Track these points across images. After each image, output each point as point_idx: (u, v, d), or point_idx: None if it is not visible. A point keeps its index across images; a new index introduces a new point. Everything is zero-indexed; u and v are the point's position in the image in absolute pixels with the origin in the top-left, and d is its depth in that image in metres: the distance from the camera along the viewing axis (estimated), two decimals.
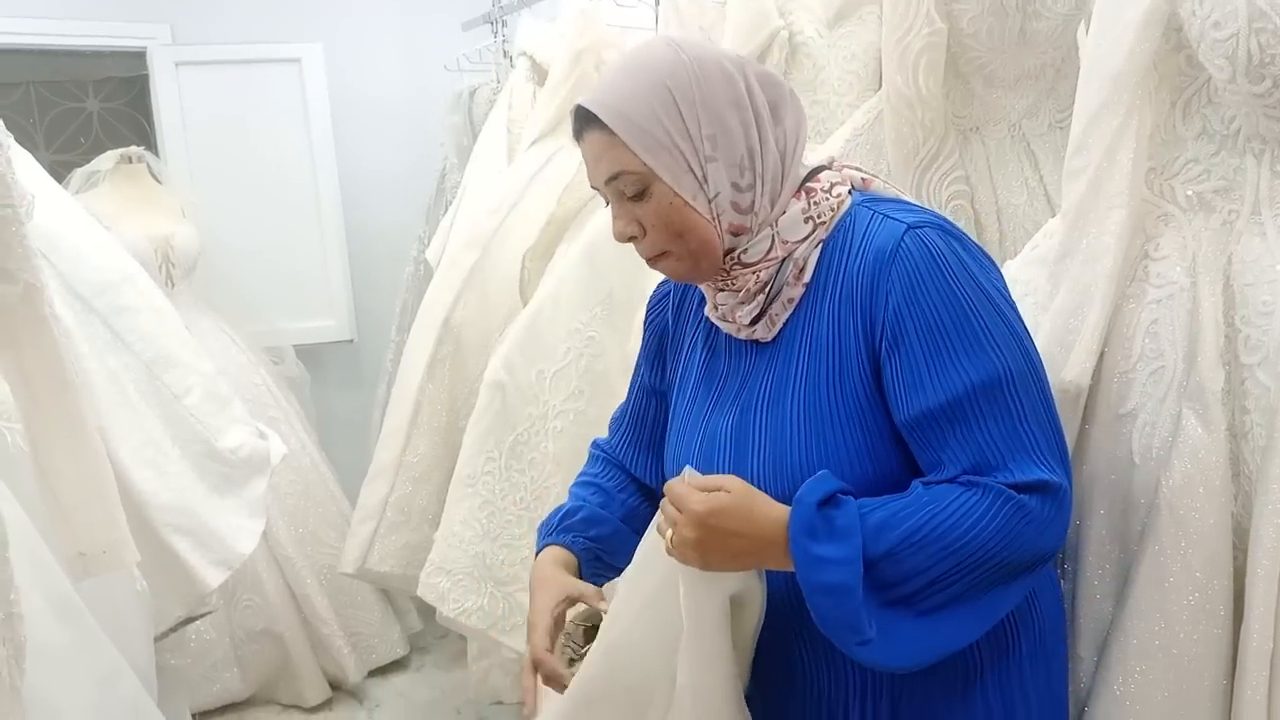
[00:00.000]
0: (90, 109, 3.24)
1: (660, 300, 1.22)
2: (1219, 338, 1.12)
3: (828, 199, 1.03)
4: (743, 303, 1.04)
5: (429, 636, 2.98)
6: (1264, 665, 1.03)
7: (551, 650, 1.06)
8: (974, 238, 1.61)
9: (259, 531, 1.89)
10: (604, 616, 1.01)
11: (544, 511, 1.94)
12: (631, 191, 1.00)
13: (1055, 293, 1.23)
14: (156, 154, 3.09)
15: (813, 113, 1.93)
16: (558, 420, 1.91)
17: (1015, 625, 1.04)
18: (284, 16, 3.50)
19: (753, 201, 1.01)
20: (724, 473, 1.02)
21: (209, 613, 2.09)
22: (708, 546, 0.93)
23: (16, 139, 3.20)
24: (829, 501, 0.92)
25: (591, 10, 2.39)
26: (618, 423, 1.31)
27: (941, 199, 1.62)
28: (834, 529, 0.91)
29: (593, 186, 1.06)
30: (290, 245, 3.34)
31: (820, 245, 1.02)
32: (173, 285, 2.74)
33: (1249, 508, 1.09)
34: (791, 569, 0.92)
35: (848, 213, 1.03)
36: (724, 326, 1.08)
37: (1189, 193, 1.17)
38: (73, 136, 3.19)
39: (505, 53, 2.91)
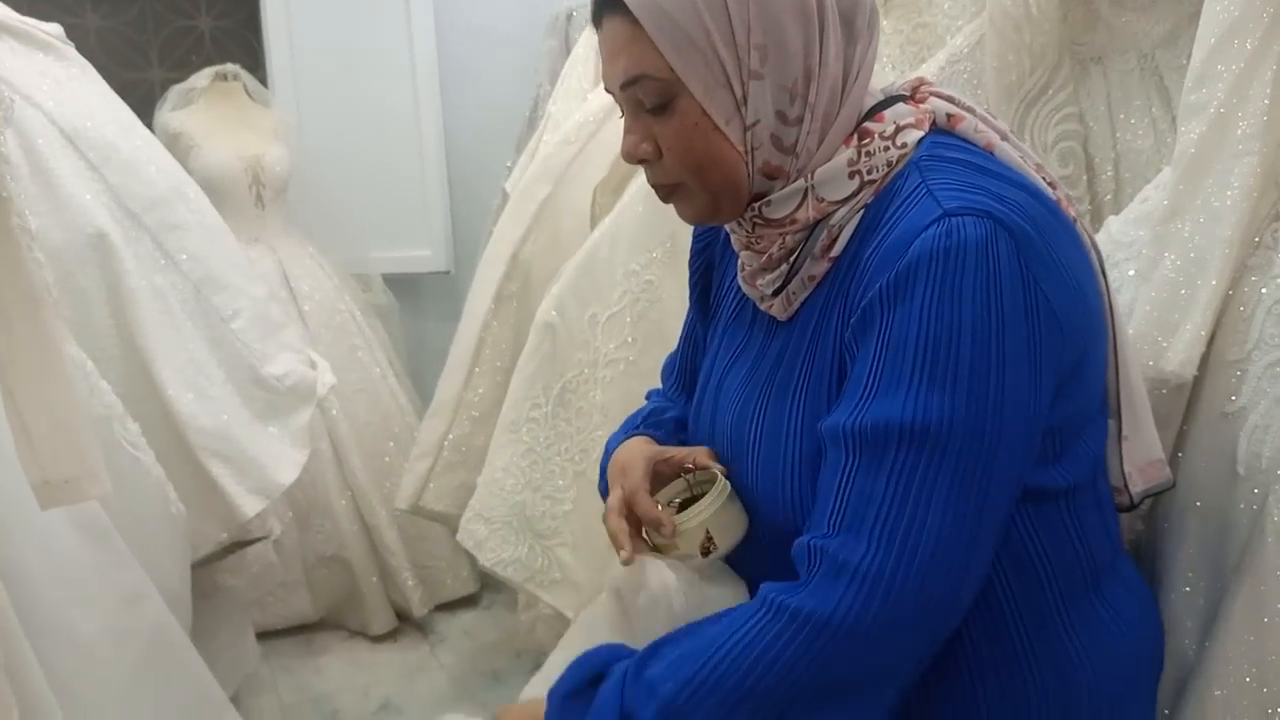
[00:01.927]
0: (203, 27, 3.27)
1: (708, 230, 1.03)
2: None
3: (886, 150, 0.80)
4: (765, 269, 0.85)
5: None
6: None
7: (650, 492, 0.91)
8: (1084, 187, 1.39)
9: (301, 462, 1.85)
10: (717, 475, 0.87)
11: (590, 465, 1.83)
12: (651, 102, 0.81)
13: (1160, 260, 1.00)
14: (265, 74, 3.09)
15: (915, 37, 1.69)
16: (608, 369, 1.78)
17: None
18: None
19: (797, 139, 0.81)
20: (730, 466, 0.89)
21: (262, 538, 2.08)
22: None
23: (132, 56, 3.28)
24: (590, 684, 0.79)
25: None
26: (668, 373, 1.15)
27: (1048, 139, 1.37)
28: (586, 710, 0.78)
29: (606, 89, 0.87)
30: (390, 172, 3.29)
31: (862, 211, 0.81)
32: (263, 206, 2.73)
33: None
34: None
35: (901, 172, 0.81)
36: (748, 291, 0.90)
37: None
38: (185, 54, 3.23)
39: None
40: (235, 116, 2.76)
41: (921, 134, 0.82)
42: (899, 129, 0.81)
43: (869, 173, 0.80)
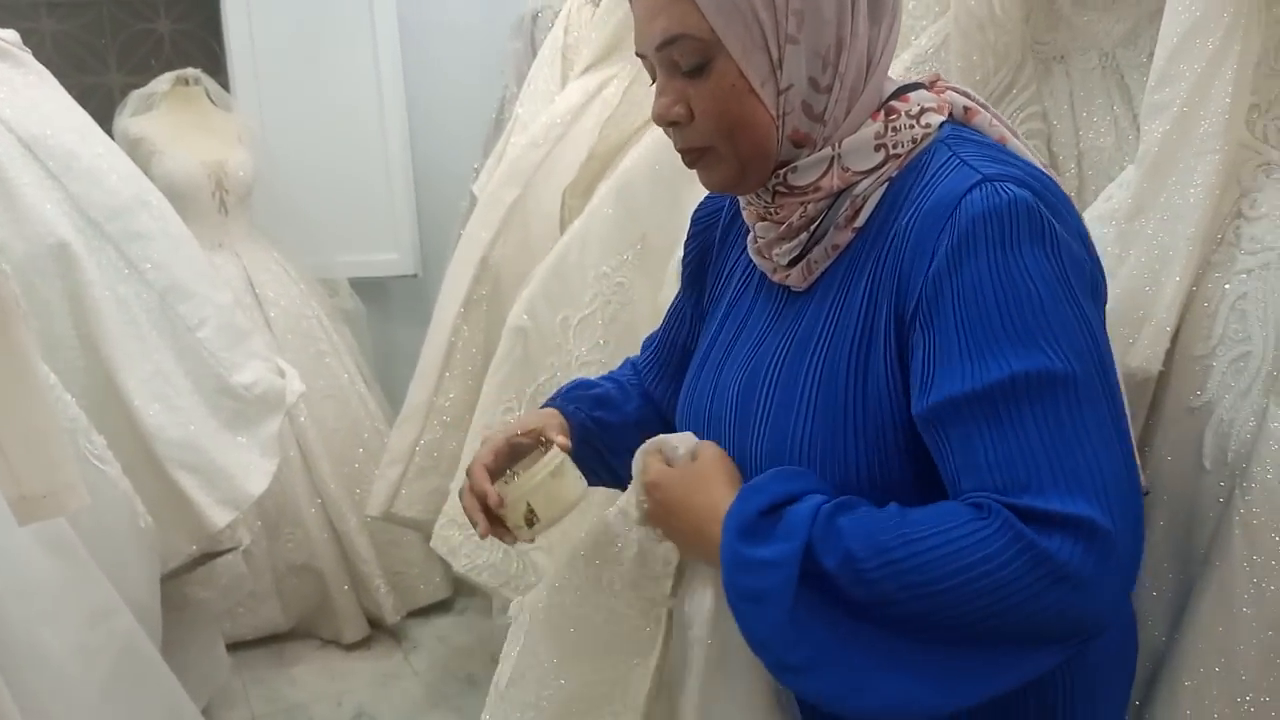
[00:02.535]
0: (161, 30, 3.22)
1: (710, 214, 1.04)
2: None
3: (911, 128, 0.83)
4: (783, 238, 0.86)
5: None
6: None
7: (489, 466, 0.93)
8: None
9: (271, 471, 1.83)
10: (555, 445, 0.90)
11: None
12: (688, 64, 0.82)
13: (1125, 257, 1.02)
14: (226, 77, 3.05)
15: None
16: (581, 372, 1.77)
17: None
18: None
19: (826, 107, 0.82)
20: (730, 441, 0.88)
21: (232, 549, 2.06)
22: (660, 520, 0.85)
23: (89, 60, 3.23)
24: (783, 503, 0.76)
25: None
26: (648, 346, 1.16)
27: None
28: (773, 530, 0.74)
29: (638, 53, 0.87)
30: (355, 175, 3.26)
31: (887, 184, 0.83)
32: (226, 212, 2.69)
33: None
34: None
35: (926, 150, 0.83)
36: (759, 263, 0.90)
37: None
38: (144, 58, 3.18)
39: None
40: (197, 121, 2.72)
41: (942, 119, 0.85)
42: (923, 110, 0.84)
43: (894, 147, 0.82)
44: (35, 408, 1.09)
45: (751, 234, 0.91)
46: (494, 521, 0.91)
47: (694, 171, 0.90)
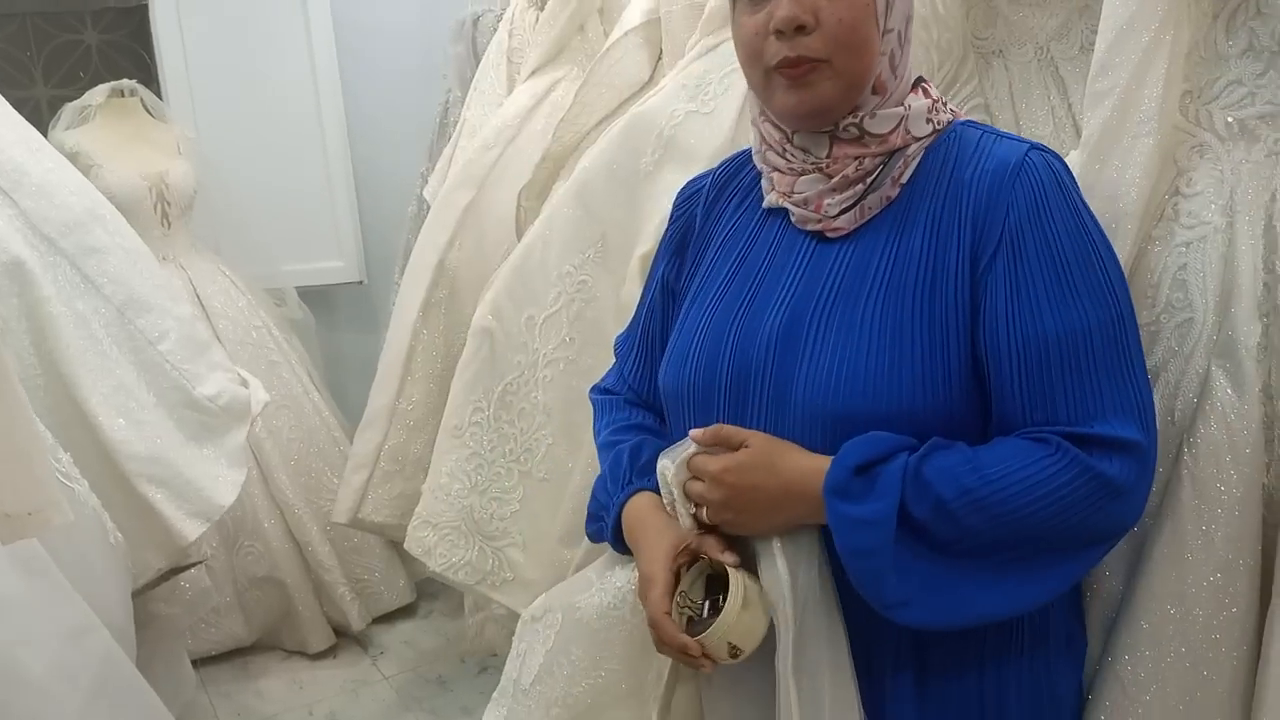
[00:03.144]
0: (89, 41, 3.14)
1: (691, 195, 1.13)
2: (1257, 286, 0.99)
3: (945, 110, 0.97)
4: (835, 190, 0.94)
5: (437, 583, 2.92)
6: None
7: (669, 611, 0.94)
8: None
9: (239, 482, 1.83)
10: (728, 569, 0.91)
11: (534, 464, 1.86)
12: None
13: None
14: (158, 88, 3.00)
15: None
16: (548, 369, 1.80)
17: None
18: None
19: (898, 64, 0.94)
20: (765, 382, 0.94)
21: (197, 563, 2.04)
22: (738, 504, 0.91)
23: (14, 73, 3.14)
24: (875, 463, 0.85)
25: None
26: (626, 347, 1.21)
27: None
28: (870, 490, 0.84)
29: None
30: (295, 183, 3.24)
31: (924, 152, 0.95)
32: (168, 225, 2.66)
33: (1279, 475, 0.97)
34: (823, 523, 0.88)
35: (950, 131, 0.96)
36: (799, 214, 0.97)
37: (1229, 119, 1.02)
38: (71, 70, 3.10)
39: None
40: (135, 133, 2.68)
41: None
42: (945, 99, 0.98)
43: (937, 123, 0.95)
44: (17, 424, 1.08)
45: (777, 190, 0.99)
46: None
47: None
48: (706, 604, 0.94)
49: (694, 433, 0.95)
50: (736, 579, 0.90)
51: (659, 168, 1.76)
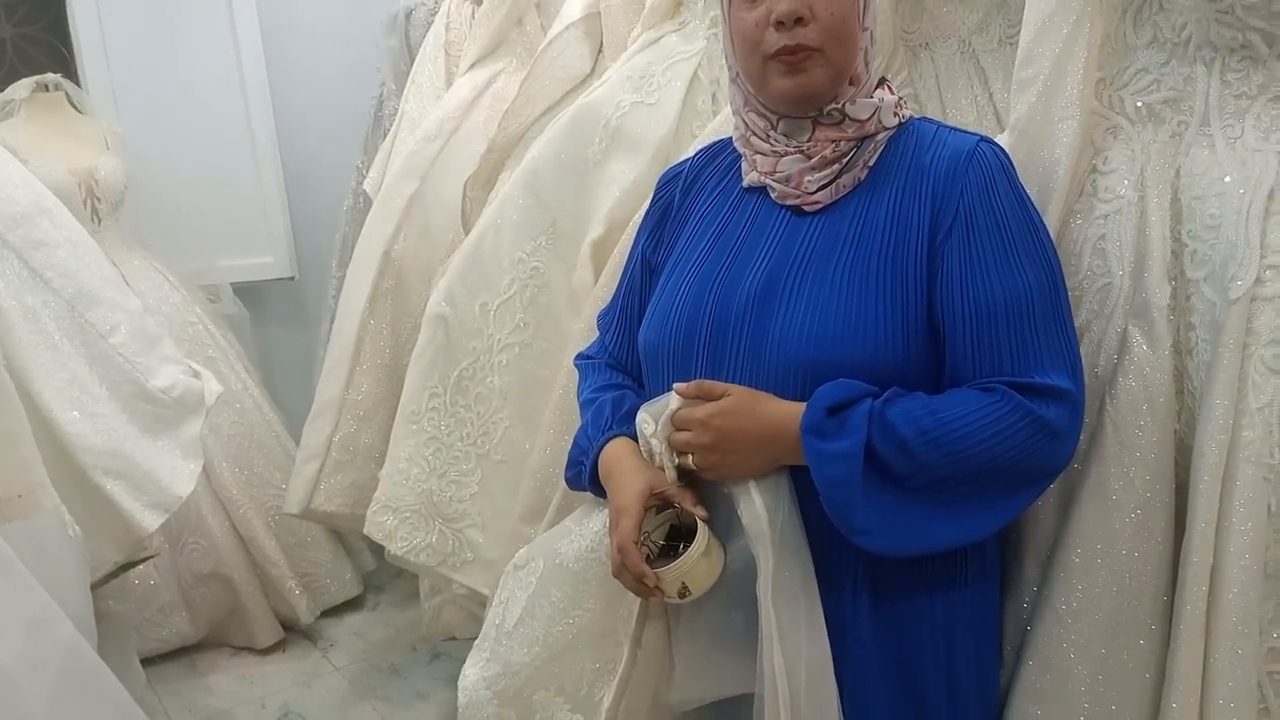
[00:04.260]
0: (3, 35, 3.06)
1: (671, 179, 1.25)
2: (1166, 252, 1.11)
3: (904, 105, 1.10)
4: (815, 169, 1.06)
5: (383, 575, 2.95)
6: (1204, 580, 1.03)
7: (638, 541, 1.04)
8: None
9: (196, 473, 1.84)
10: (698, 521, 1.02)
11: (491, 447, 1.91)
12: None
13: None
14: (77, 82, 2.94)
15: None
16: (503, 354, 1.86)
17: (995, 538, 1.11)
18: None
19: (870, 58, 1.07)
20: (742, 335, 1.05)
21: (150, 557, 2.04)
22: (724, 447, 1.00)
23: None
24: (844, 406, 0.96)
25: None
26: (608, 320, 1.31)
27: None
28: (841, 428, 0.95)
29: None
30: (224, 178, 3.21)
31: (888, 142, 1.07)
32: (99, 221, 2.61)
33: (1192, 424, 1.08)
34: (801, 462, 0.98)
35: (908, 124, 1.09)
36: (781, 190, 1.08)
37: (1139, 104, 1.14)
38: None
39: None
40: (61, 128, 2.63)
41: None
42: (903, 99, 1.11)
43: (901, 117, 1.09)
44: (4, 408, 1.10)
45: (758, 169, 1.10)
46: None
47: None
48: (663, 549, 1.07)
49: (678, 386, 1.04)
50: (704, 529, 1.02)
51: (606, 156, 1.83)
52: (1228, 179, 1.06)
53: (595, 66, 2.08)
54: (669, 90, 1.81)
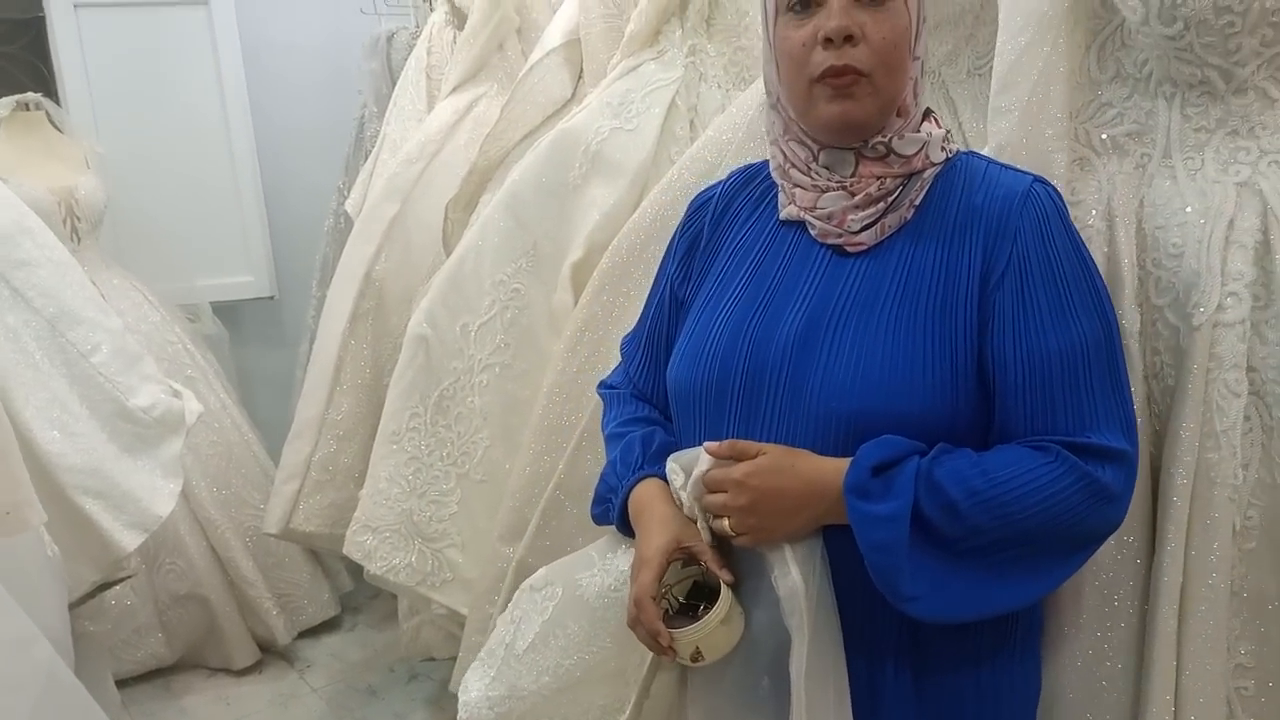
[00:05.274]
0: None
1: (700, 206, 1.17)
2: (1134, 280, 1.14)
3: (951, 141, 1.03)
4: (859, 207, 1.00)
5: (360, 596, 2.94)
6: (1174, 599, 1.06)
7: (655, 597, 0.98)
8: None
9: (176, 492, 1.84)
10: (722, 585, 0.97)
11: (472, 467, 1.92)
12: None
13: None
14: (57, 102, 2.94)
15: (736, 59, 1.90)
16: (483, 374, 1.87)
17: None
18: None
19: (919, 90, 1.00)
20: (780, 382, 0.98)
21: (127, 577, 2.03)
22: (763, 508, 0.94)
23: None
24: (889, 465, 0.92)
25: None
26: (633, 347, 1.24)
27: None
28: (887, 489, 0.91)
29: None
30: (204, 198, 3.21)
31: (935, 179, 1.01)
32: (78, 240, 2.61)
33: (1160, 446, 1.12)
34: (843, 522, 0.93)
35: (954, 160, 1.02)
36: (822, 228, 1.02)
37: (1104, 136, 1.18)
38: None
39: None
40: (41, 148, 2.63)
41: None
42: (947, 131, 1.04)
43: (948, 151, 1.02)
44: None
45: (796, 204, 1.04)
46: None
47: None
48: (683, 606, 1.02)
49: (709, 446, 0.98)
50: (727, 595, 0.97)
51: (586, 181, 1.86)
52: (1189, 209, 1.10)
53: (575, 92, 2.11)
54: (648, 116, 1.84)
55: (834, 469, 0.93)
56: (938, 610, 0.91)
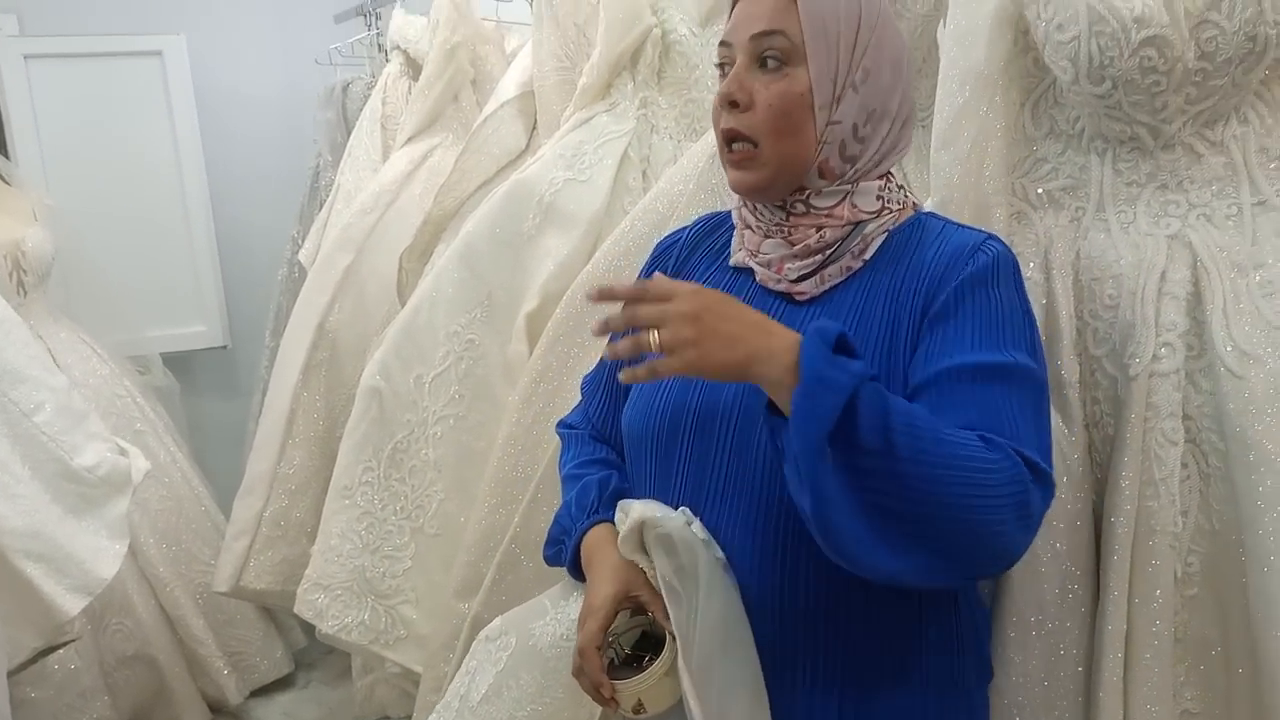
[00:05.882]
0: None
1: (665, 250, 1.18)
2: (1072, 331, 1.16)
3: (900, 192, 1.03)
4: (796, 257, 1.01)
5: (315, 652, 2.88)
6: (1119, 646, 1.07)
7: (600, 647, 0.98)
8: None
9: (122, 553, 1.79)
10: (668, 636, 0.96)
11: (426, 520, 1.90)
12: (773, 58, 0.96)
13: None
14: (5, 153, 2.91)
15: (687, 110, 1.93)
16: (437, 426, 1.86)
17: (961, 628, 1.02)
18: (144, 6, 3.34)
19: (857, 155, 0.99)
20: (730, 426, 0.98)
21: (70, 641, 1.97)
22: (704, 322, 0.85)
23: None
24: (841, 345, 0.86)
25: (464, 3, 2.34)
26: (593, 387, 1.24)
27: None
28: (843, 364, 0.84)
29: (724, 41, 1.00)
30: (156, 249, 3.19)
31: (886, 235, 1.01)
32: (25, 294, 2.57)
33: (1101, 494, 1.13)
34: (774, 377, 0.85)
35: (914, 218, 1.03)
36: (763, 274, 1.03)
37: (1040, 191, 1.21)
38: None
39: (379, 46, 2.83)
40: None
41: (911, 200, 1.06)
42: (901, 187, 1.04)
43: (889, 202, 1.02)
44: None
45: (746, 248, 1.05)
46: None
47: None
48: (629, 657, 1.01)
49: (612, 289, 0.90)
50: (673, 646, 0.95)
51: (540, 231, 1.86)
52: (1123, 261, 1.13)
53: (530, 143, 2.12)
54: (601, 168, 1.86)
55: (785, 327, 0.88)
56: (825, 529, 0.84)
